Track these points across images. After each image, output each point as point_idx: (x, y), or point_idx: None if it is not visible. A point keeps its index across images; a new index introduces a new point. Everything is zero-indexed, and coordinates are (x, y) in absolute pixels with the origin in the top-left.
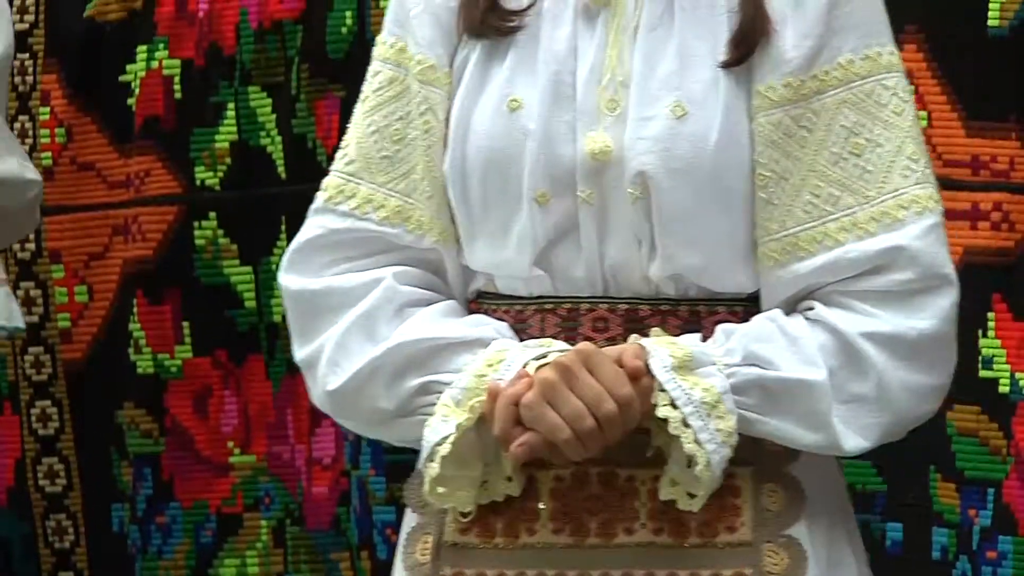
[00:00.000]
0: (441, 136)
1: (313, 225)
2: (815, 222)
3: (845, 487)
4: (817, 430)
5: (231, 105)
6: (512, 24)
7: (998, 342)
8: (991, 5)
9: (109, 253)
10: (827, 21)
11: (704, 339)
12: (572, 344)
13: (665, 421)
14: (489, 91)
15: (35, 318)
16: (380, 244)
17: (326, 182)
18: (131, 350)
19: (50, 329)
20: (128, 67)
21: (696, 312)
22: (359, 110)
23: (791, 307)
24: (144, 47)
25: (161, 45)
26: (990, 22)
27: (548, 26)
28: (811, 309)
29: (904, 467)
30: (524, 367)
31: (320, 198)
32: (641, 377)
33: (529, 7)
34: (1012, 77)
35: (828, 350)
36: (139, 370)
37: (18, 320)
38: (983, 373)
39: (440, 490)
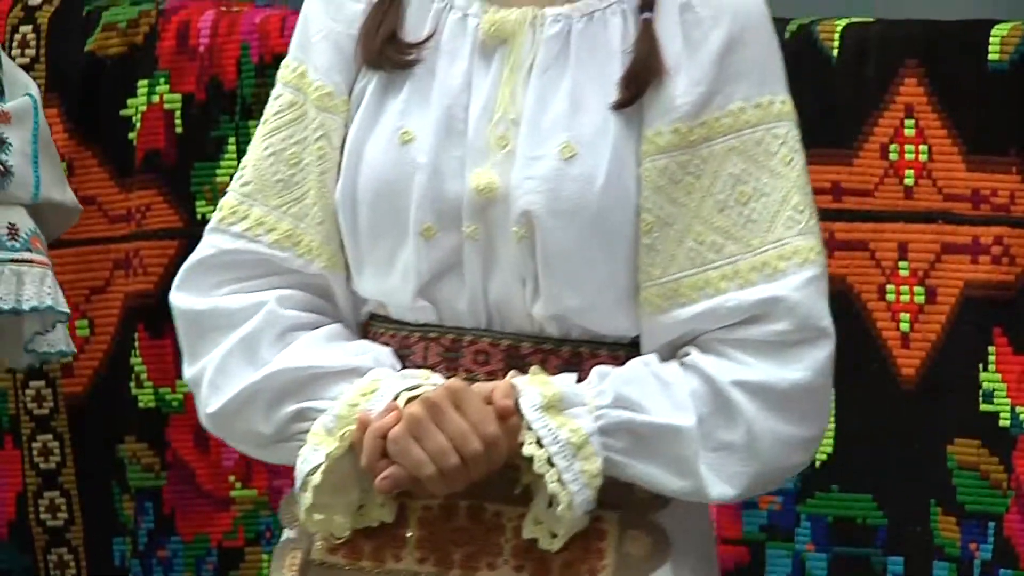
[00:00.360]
0: (335, 163)
1: (206, 244)
2: (697, 269)
3: (713, 536)
4: (684, 476)
5: (232, 139)
6: (409, 57)
7: (998, 376)
8: (991, 39)
9: (110, 287)
10: (720, 68)
11: (581, 380)
12: (453, 375)
13: (532, 459)
14: (383, 122)
15: None
16: (269, 267)
17: (222, 202)
18: (132, 384)
19: (51, 363)
20: (129, 101)
21: (578, 354)
22: (259, 132)
23: (671, 352)
24: (145, 81)
25: (162, 79)
26: (990, 56)
27: (445, 61)
28: (688, 355)
29: (905, 501)
30: (395, 399)
31: (215, 217)
32: (510, 416)
33: (427, 40)
34: (1012, 111)
35: (699, 396)
36: (140, 404)
37: (72, 347)
38: (984, 407)
39: (317, 517)
